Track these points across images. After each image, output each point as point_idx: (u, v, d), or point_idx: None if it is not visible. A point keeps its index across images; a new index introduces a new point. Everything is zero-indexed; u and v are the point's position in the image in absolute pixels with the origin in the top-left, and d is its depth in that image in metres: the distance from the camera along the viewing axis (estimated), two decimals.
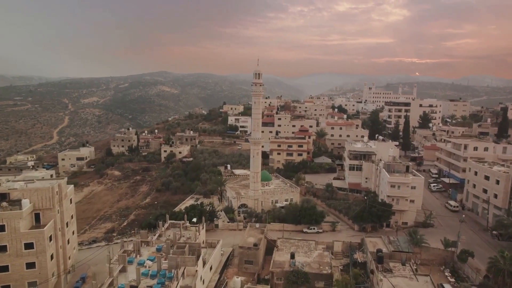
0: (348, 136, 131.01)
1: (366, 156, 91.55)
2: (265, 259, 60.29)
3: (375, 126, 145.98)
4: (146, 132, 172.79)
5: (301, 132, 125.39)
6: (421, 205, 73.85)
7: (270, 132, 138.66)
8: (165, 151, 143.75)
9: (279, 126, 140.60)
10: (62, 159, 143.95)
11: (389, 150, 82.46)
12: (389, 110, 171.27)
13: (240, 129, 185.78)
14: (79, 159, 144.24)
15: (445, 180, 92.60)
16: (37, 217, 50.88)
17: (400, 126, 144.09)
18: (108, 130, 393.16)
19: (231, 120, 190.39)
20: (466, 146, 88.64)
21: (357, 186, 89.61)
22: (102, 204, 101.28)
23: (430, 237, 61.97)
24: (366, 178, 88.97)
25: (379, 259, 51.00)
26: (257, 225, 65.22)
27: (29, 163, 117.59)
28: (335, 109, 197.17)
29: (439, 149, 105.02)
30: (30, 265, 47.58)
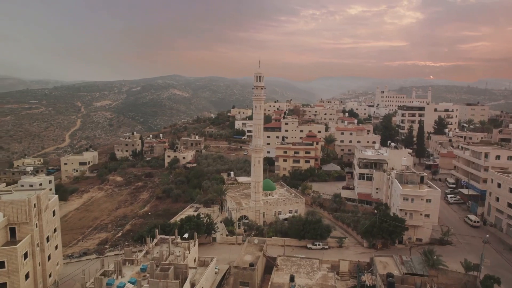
0: (359, 142, 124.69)
1: (377, 165, 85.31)
2: (264, 279, 54.91)
3: (388, 132, 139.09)
4: (151, 137, 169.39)
5: (309, 138, 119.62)
6: (437, 220, 67.29)
7: (277, 138, 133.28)
8: (169, 156, 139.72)
9: (286, 131, 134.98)
10: (65, 164, 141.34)
11: (402, 159, 76.07)
12: (402, 115, 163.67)
13: (248, 134, 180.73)
14: (82, 164, 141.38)
15: (464, 191, 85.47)
16: (13, 232, 46.72)
17: (414, 132, 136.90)
18: (119, 133, 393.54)
19: (238, 125, 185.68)
20: (487, 155, 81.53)
21: (367, 197, 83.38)
22: (100, 212, 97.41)
23: (448, 258, 55.58)
24: (377, 189, 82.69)
25: (390, 285, 45.03)
26: (256, 241, 59.88)
27: (28, 168, 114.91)
28: (346, 114, 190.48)
29: (457, 157, 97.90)
30: (1, 286, 43.30)
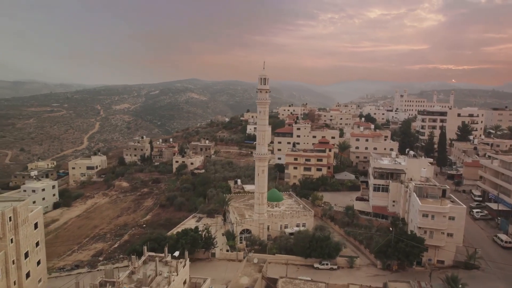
0: (375, 149, 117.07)
1: (394, 175, 78.14)
2: None
3: (406, 138, 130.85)
4: (161, 141, 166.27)
5: (321, 145, 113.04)
6: (462, 240, 59.75)
7: (288, 143, 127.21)
8: (177, 162, 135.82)
9: (298, 137, 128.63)
10: (73, 168, 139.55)
11: (422, 170, 68.76)
12: (423, 120, 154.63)
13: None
14: (90, 168, 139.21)
15: (492, 206, 77.16)
16: None
17: (435, 138, 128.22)
18: (137, 137, 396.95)
19: (250, 129, 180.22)
20: None
21: (383, 210, 76.26)
22: (101, 220, 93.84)
23: (475, 285, 48.39)
24: (394, 201, 75.46)
25: None
26: (256, 260, 54.14)
27: (32, 173, 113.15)
28: (362, 118, 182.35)
29: (483, 167, 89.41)
30: None
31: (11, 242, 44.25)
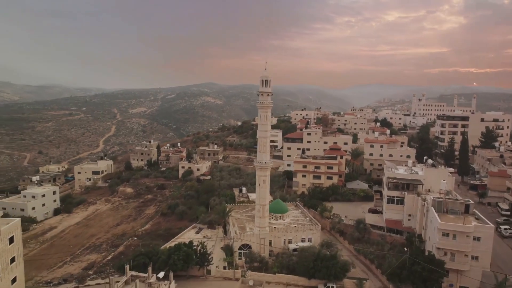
0: (391, 156, 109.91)
1: (410, 186, 71.20)
2: None
3: (424, 145, 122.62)
4: (168, 146, 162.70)
5: (332, 151, 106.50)
6: (490, 264, 52.33)
7: (298, 149, 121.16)
8: (183, 167, 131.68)
9: (309, 143, 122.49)
10: (78, 173, 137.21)
11: (442, 182, 61.65)
12: (442, 125, 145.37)
13: (270, 144, 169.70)
14: (95, 173, 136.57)
15: None
16: None
17: (456, 145, 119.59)
18: (152, 140, 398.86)
19: None
20: None
21: (397, 225, 69.31)
22: (99, 228, 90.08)
23: None
24: (409, 215, 68.44)
25: None
26: (251, 282, 48.61)
27: (34, 178, 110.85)
28: (378, 123, 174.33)
29: (511, 177, 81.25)
30: None
31: None
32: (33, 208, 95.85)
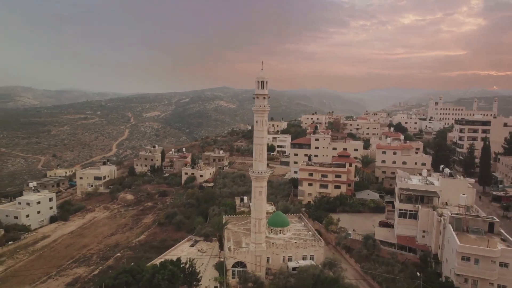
0: (404, 164, 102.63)
1: (425, 198, 64.14)
2: None
3: (441, 151, 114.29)
4: (173, 151, 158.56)
5: (341, 158, 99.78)
6: None
7: (306, 156, 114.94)
8: (186, 174, 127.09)
9: (317, 149, 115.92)
10: (80, 178, 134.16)
11: (461, 197, 54.48)
12: (461, 130, 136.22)
13: (278, 149, 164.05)
14: (97, 179, 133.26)
15: None
16: None
17: (476, 152, 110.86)
18: (165, 144, 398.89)
19: (268, 139, 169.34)
20: None
21: (410, 242, 62.21)
22: (92, 238, 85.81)
23: None
24: (424, 231, 61.34)
25: None
26: None
27: (31, 184, 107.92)
28: (391, 128, 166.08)
29: None
30: None
31: None
32: (27, 216, 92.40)
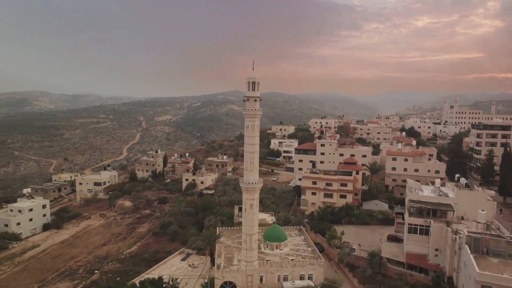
0: (416, 171, 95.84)
1: (438, 212, 57.65)
2: None
3: (457, 158, 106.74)
4: (176, 156, 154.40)
5: (347, 165, 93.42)
6: None
7: (311, 162, 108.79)
8: (186, 180, 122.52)
9: (322, 155, 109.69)
10: (80, 183, 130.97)
11: (480, 213, 47.87)
12: (478, 135, 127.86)
13: (284, 155, 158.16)
14: (97, 184, 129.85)
15: None
16: None
17: (496, 159, 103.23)
18: (176, 148, 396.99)
19: (274, 144, 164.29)
20: None
21: (421, 261, 55.66)
22: (82, 249, 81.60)
23: None
24: (437, 250, 54.78)
25: None
26: None
27: (25, 190, 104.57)
28: (403, 133, 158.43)
29: None
30: None
31: None
32: (18, 224, 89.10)
